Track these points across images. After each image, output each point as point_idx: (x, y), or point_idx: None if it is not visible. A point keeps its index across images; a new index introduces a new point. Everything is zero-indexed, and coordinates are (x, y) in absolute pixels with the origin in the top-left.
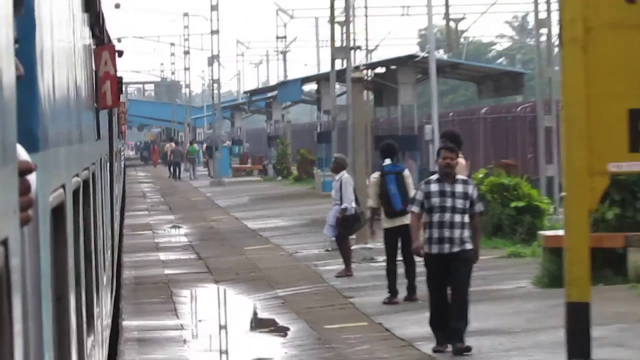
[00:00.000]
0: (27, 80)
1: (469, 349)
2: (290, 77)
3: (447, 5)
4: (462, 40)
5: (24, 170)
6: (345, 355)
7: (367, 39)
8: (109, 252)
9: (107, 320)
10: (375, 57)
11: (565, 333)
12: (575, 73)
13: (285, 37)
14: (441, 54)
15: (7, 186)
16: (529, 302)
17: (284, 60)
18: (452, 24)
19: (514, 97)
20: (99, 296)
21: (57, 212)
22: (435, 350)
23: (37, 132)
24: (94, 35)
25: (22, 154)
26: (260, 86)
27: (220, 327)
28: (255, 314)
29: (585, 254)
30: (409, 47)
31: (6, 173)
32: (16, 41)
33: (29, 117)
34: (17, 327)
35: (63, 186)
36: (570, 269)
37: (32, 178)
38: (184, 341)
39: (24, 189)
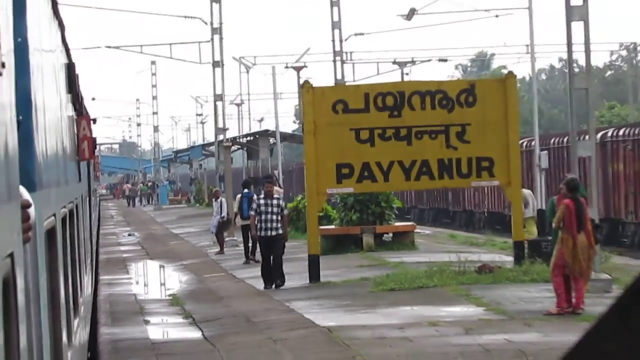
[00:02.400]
0: (26, 142)
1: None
2: (208, 139)
3: (299, 92)
4: None
5: (25, 205)
6: (209, 284)
7: (249, 114)
8: (90, 248)
9: (91, 279)
10: (264, 126)
11: (308, 269)
12: (310, 147)
13: (202, 114)
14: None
15: (12, 216)
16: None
17: (203, 128)
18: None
19: None
20: (83, 273)
21: (50, 233)
22: (265, 288)
23: (34, 177)
24: (75, 109)
25: (24, 193)
26: (190, 145)
27: (151, 277)
28: (170, 271)
29: (316, 232)
30: (289, 117)
31: (12, 207)
32: (18, 116)
33: (29, 167)
34: (22, 315)
35: (54, 215)
36: (309, 238)
37: (31, 210)
38: (131, 283)
39: (25, 218)
